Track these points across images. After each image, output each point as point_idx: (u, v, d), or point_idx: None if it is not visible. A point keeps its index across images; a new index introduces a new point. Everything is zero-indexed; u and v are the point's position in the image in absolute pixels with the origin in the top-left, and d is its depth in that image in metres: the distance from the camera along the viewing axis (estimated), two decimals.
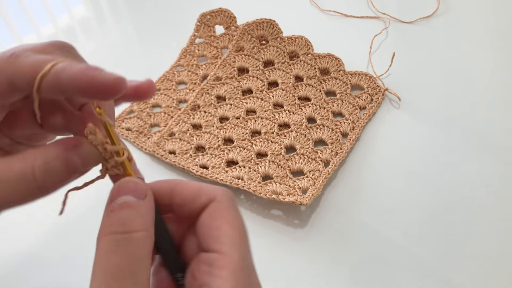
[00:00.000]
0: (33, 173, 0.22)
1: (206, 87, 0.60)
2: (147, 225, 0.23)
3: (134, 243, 0.22)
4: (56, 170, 0.23)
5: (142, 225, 0.23)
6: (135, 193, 0.24)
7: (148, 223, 0.23)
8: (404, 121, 0.58)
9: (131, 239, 0.22)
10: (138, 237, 0.22)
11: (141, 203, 0.23)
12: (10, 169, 0.22)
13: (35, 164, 0.22)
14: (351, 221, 0.49)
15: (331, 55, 0.61)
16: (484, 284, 0.44)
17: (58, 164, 0.23)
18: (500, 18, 0.71)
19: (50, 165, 0.23)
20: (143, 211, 0.23)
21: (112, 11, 0.80)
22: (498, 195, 0.50)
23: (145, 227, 0.23)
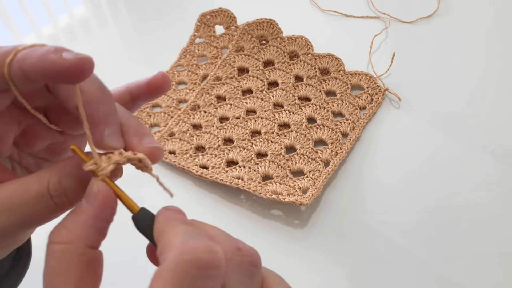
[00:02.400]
0: (48, 192, 0.22)
1: (206, 87, 0.60)
2: (72, 237, 0.22)
3: (52, 256, 0.21)
4: (70, 187, 0.23)
5: (66, 236, 0.21)
6: (86, 197, 0.23)
7: (76, 233, 0.22)
8: (404, 121, 0.58)
9: (50, 251, 0.21)
10: (55, 249, 0.21)
11: (84, 210, 0.22)
12: (28, 191, 0.22)
13: (50, 183, 0.22)
14: (351, 221, 0.49)
15: (331, 55, 0.61)
16: (484, 284, 0.44)
17: (71, 181, 0.23)
18: (500, 18, 0.71)
19: (63, 183, 0.23)
20: (79, 220, 0.22)
21: (112, 11, 0.80)
22: (498, 195, 0.50)
23: (67, 239, 0.21)
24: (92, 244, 0.22)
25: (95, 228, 0.22)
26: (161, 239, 0.22)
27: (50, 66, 0.21)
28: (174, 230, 0.22)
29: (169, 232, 0.22)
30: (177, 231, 0.22)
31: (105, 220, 0.23)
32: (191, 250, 0.20)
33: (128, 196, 0.24)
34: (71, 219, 0.22)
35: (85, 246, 0.22)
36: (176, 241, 0.21)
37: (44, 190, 0.22)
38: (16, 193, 0.22)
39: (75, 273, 0.21)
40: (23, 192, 0.22)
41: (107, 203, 0.23)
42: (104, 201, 0.23)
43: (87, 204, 0.22)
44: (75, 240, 0.22)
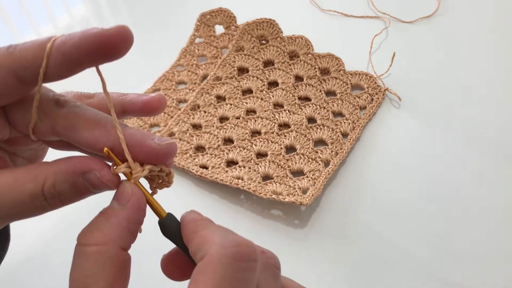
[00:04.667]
0: (43, 194, 0.22)
1: (206, 87, 0.60)
2: (106, 238, 0.22)
3: (84, 257, 0.21)
4: (65, 192, 0.23)
5: (98, 238, 0.22)
6: (119, 199, 0.23)
7: (109, 235, 0.22)
8: (404, 121, 0.58)
9: (82, 252, 0.22)
10: (89, 251, 0.21)
11: (116, 212, 0.22)
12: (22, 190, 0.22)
13: (45, 186, 0.22)
14: (351, 221, 0.49)
15: (331, 55, 0.61)
16: (484, 284, 0.44)
17: (66, 187, 0.23)
18: (500, 17, 0.71)
19: (58, 188, 0.23)
20: (112, 222, 0.22)
21: (112, 11, 0.80)
22: (498, 195, 0.50)
23: (101, 241, 0.22)
24: (124, 246, 0.22)
25: (128, 230, 0.22)
26: (194, 238, 0.23)
27: (94, 37, 0.21)
28: (209, 228, 0.23)
29: (203, 230, 0.23)
30: (213, 229, 0.23)
31: (137, 222, 0.23)
32: (232, 243, 0.21)
33: (156, 201, 0.24)
34: (103, 221, 0.22)
35: (119, 248, 0.22)
36: (215, 237, 0.22)
37: (38, 192, 0.22)
38: (10, 191, 0.22)
39: (108, 275, 0.21)
40: (17, 190, 0.22)
41: (140, 205, 0.23)
42: (137, 204, 0.23)
43: (119, 206, 0.23)
44: (109, 242, 0.22)
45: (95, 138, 0.23)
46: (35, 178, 0.22)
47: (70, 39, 0.21)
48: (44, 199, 0.22)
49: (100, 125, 0.23)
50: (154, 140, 0.23)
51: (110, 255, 0.22)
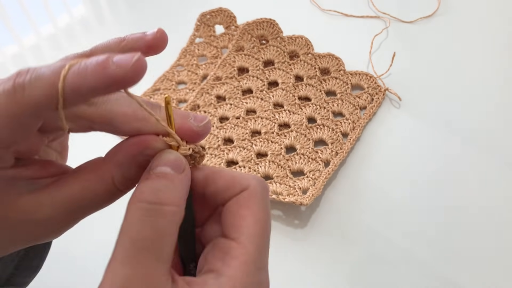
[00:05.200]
0: (116, 187, 0.24)
1: (206, 87, 0.60)
2: (178, 201, 0.22)
3: (163, 217, 0.21)
4: (134, 175, 0.24)
5: (174, 199, 0.22)
6: (174, 166, 0.23)
7: (180, 198, 0.22)
8: (404, 121, 0.58)
9: (161, 212, 0.21)
10: (168, 211, 0.22)
11: (177, 177, 0.23)
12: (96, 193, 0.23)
13: (115, 180, 0.23)
14: (351, 221, 0.49)
15: (331, 55, 0.61)
16: (484, 284, 0.44)
17: (134, 171, 0.24)
18: (500, 17, 0.71)
19: (127, 175, 0.24)
20: (178, 185, 0.23)
21: (112, 11, 0.80)
22: (498, 195, 0.50)
23: (176, 202, 0.22)
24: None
25: (185, 199, 0.23)
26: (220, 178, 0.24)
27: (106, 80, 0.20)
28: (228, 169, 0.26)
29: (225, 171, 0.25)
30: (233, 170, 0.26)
31: (188, 190, 0.24)
32: (261, 179, 0.25)
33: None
34: (168, 184, 0.22)
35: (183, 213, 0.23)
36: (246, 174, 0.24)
37: (111, 188, 0.23)
38: (84, 194, 0.23)
39: (175, 236, 0.22)
40: (91, 195, 0.23)
41: (189, 175, 0.24)
42: (189, 173, 0.24)
43: (175, 172, 0.23)
44: (181, 204, 0.22)
45: (137, 129, 0.24)
46: (103, 179, 0.23)
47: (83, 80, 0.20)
48: (118, 190, 0.24)
49: (138, 117, 0.23)
50: (191, 120, 0.24)
51: (180, 218, 0.22)
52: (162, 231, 0.21)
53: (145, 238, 0.21)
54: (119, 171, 0.23)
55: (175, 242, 0.22)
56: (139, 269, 0.20)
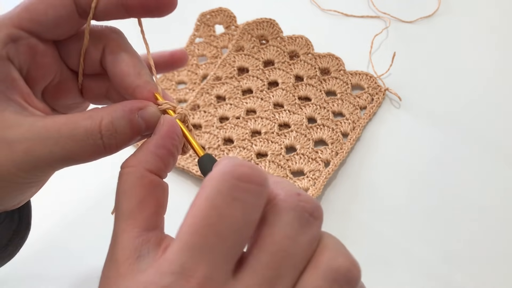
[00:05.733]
0: (100, 131, 0.24)
1: (206, 87, 0.60)
2: (135, 161, 0.23)
3: (120, 178, 0.23)
4: (122, 130, 0.24)
5: (131, 161, 0.24)
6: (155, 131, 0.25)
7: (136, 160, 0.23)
8: (404, 121, 0.58)
9: (120, 175, 0.23)
10: (122, 172, 0.23)
11: (148, 140, 0.24)
12: (77, 126, 0.24)
13: (102, 123, 0.24)
14: (351, 221, 0.49)
15: (332, 55, 0.61)
16: (484, 284, 0.44)
17: (123, 124, 0.24)
18: (500, 17, 0.71)
19: (116, 124, 0.24)
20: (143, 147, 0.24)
21: None
22: (498, 195, 0.50)
23: (132, 163, 0.23)
24: (151, 168, 0.23)
25: (155, 154, 0.24)
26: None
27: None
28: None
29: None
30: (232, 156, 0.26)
31: (166, 148, 0.24)
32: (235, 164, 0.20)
33: (196, 141, 0.26)
34: (139, 149, 0.24)
35: (145, 169, 0.23)
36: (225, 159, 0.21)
37: (95, 128, 0.24)
38: (66, 126, 0.23)
39: (137, 193, 0.23)
40: (72, 126, 0.23)
41: (169, 133, 0.24)
42: (167, 131, 0.24)
43: (153, 135, 0.24)
44: (137, 164, 0.23)
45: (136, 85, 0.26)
46: (91, 117, 0.24)
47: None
48: (101, 137, 0.24)
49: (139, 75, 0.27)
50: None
51: (138, 176, 0.23)
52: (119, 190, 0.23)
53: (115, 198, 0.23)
54: (109, 116, 0.24)
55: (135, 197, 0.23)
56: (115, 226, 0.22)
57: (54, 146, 0.23)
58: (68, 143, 0.23)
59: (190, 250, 0.19)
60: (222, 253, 0.19)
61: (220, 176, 0.20)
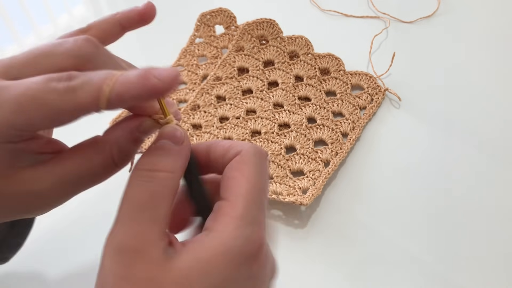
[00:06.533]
0: (113, 160, 0.26)
1: (206, 87, 0.60)
2: (173, 167, 0.24)
3: (156, 181, 0.24)
4: (131, 151, 0.26)
5: (168, 166, 0.24)
6: (173, 139, 0.25)
7: (175, 166, 0.25)
8: (404, 121, 0.58)
9: (154, 177, 0.24)
10: (161, 176, 0.24)
11: (174, 148, 0.25)
12: (93, 165, 0.25)
13: (114, 154, 0.26)
14: (351, 221, 0.49)
15: (331, 55, 0.61)
16: (484, 284, 0.44)
17: (130, 146, 0.26)
18: (500, 18, 0.71)
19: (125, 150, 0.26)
20: (174, 154, 0.25)
21: (112, 11, 0.79)
22: (498, 195, 0.50)
23: (170, 168, 0.24)
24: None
25: (184, 168, 0.25)
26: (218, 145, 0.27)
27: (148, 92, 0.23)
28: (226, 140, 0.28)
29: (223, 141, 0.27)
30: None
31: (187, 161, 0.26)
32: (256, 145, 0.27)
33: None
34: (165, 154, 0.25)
35: (180, 179, 0.25)
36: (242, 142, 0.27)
37: (109, 161, 0.25)
38: (82, 167, 0.25)
39: (171, 201, 0.24)
40: (89, 168, 0.25)
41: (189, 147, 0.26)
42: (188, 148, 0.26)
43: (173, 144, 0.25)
44: (177, 171, 0.25)
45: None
46: (102, 152, 0.25)
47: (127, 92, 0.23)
48: (115, 165, 0.26)
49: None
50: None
51: (176, 184, 0.24)
52: (155, 194, 0.23)
53: (141, 199, 0.23)
54: (116, 145, 0.26)
55: (169, 205, 0.24)
56: (134, 227, 0.22)
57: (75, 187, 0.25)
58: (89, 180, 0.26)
59: (255, 206, 0.25)
60: (266, 204, 0.26)
61: (258, 154, 0.26)
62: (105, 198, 0.50)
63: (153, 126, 0.27)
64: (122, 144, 0.26)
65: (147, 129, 0.27)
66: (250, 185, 0.25)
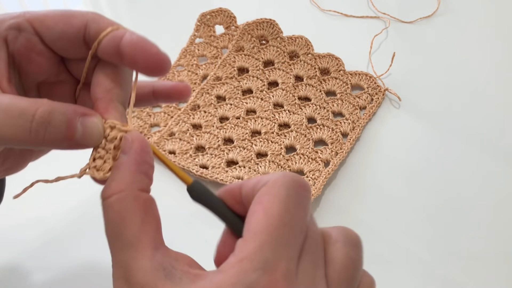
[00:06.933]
0: (33, 114, 0.23)
1: (206, 87, 0.60)
2: (122, 185, 0.23)
3: (110, 209, 0.22)
4: (56, 124, 0.24)
5: (116, 187, 0.23)
6: (124, 150, 0.24)
7: (123, 183, 0.23)
8: (404, 121, 0.58)
9: (107, 205, 0.23)
10: (112, 202, 0.22)
11: (124, 160, 0.23)
12: (17, 103, 0.23)
13: (40, 109, 0.23)
14: (351, 221, 0.49)
15: (331, 55, 0.61)
16: (484, 284, 0.44)
17: (60, 119, 0.24)
18: (500, 18, 0.71)
19: (52, 116, 0.23)
20: (123, 169, 0.23)
21: (112, 11, 0.80)
22: (498, 195, 0.50)
23: (119, 188, 0.23)
24: (142, 187, 0.23)
25: (140, 172, 0.23)
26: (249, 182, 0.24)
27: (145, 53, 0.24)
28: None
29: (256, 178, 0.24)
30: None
31: (146, 162, 0.24)
32: (291, 174, 0.23)
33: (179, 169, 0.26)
34: (114, 172, 0.23)
35: (137, 190, 0.23)
36: (276, 174, 0.23)
37: (30, 110, 0.23)
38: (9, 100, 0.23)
39: (136, 216, 0.22)
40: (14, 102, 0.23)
41: (143, 148, 0.24)
42: (140, 147, 0.24)
43: (125, 156, 0.24)
44: (126, 187, 0.23)
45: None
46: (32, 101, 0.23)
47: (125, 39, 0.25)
48: (31, 120, 0.23)
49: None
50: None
51: (131, 198, 0.22)
52: (116, 221, 0.22)
53: (109, 233, 0.22)
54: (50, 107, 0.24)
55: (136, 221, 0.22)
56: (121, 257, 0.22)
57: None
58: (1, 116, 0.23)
59: (271, 246, 0.21)
60: (295, 247, 0.21)
61: (283, 183, 0.22)
62: None
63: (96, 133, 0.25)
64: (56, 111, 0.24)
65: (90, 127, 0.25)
66: (270, 220, 0.21)
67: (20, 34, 0.26)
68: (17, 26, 0.26)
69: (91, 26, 0.26)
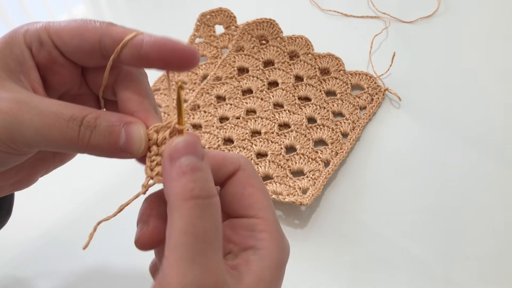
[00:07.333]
0: (82, 119, 0.24)
1: (206, 87, 0.60)
2: (214, 191, 0.23)
3: (215, 208, 0.23)
4: (101, 130, 0.25)
5: (214, 189, 0.23)
6: (196, 154, 0.23)
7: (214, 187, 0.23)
8: (404, 121, 0.58)
9: (213, 205, 0.23)
10: (216, 202, 0.23)
11: (204, 165, 0.23)
12: (67, 108, 0.25)
13: (89, 115, 0.25)
14: (351, 221, 0.49)
15: (331, 55, 0.61)
16: (484, 284, 0.44)
17: (104, 125, 0.25)
18: (500, 18, 0.71)
19: (98, 122, 0.25)
20: (209, 174, 0.23)
21: (112, 11, 0.80)
22: (498, 195, 0.50)
23: (213, 192, 0.23)
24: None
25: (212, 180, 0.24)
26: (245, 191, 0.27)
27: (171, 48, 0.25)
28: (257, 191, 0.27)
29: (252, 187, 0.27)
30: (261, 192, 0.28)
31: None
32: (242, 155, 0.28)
33: None
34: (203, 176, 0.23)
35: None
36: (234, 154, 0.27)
37: (80, 115, 0.24)
38: (58, 104, 0.25)
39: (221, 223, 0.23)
40: (64, 106, 0.25)
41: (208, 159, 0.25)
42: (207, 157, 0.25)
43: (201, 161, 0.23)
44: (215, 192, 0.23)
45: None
46: (81, 108, 0.25)
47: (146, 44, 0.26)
48: (79, 124, 0.24)
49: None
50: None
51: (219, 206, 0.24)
52: (217, 222, 0.23)
53: (206, 231, 0.22)
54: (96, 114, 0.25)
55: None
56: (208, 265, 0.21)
57: (36, 116, 0.24)
58: (50, 117, 0.24)
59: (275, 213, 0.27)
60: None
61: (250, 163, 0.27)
62: (105, 199, 0.50)
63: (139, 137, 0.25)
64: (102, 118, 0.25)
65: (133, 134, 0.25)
66: (265, 196, 0.26)
67: (42, 47, 0.27)
68: (39, 38, 0.27)
69: (105, 39, 0.26)
